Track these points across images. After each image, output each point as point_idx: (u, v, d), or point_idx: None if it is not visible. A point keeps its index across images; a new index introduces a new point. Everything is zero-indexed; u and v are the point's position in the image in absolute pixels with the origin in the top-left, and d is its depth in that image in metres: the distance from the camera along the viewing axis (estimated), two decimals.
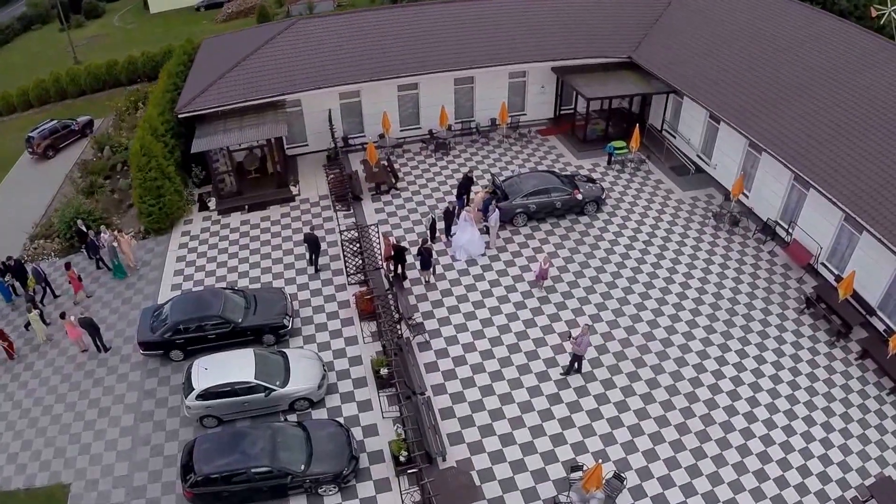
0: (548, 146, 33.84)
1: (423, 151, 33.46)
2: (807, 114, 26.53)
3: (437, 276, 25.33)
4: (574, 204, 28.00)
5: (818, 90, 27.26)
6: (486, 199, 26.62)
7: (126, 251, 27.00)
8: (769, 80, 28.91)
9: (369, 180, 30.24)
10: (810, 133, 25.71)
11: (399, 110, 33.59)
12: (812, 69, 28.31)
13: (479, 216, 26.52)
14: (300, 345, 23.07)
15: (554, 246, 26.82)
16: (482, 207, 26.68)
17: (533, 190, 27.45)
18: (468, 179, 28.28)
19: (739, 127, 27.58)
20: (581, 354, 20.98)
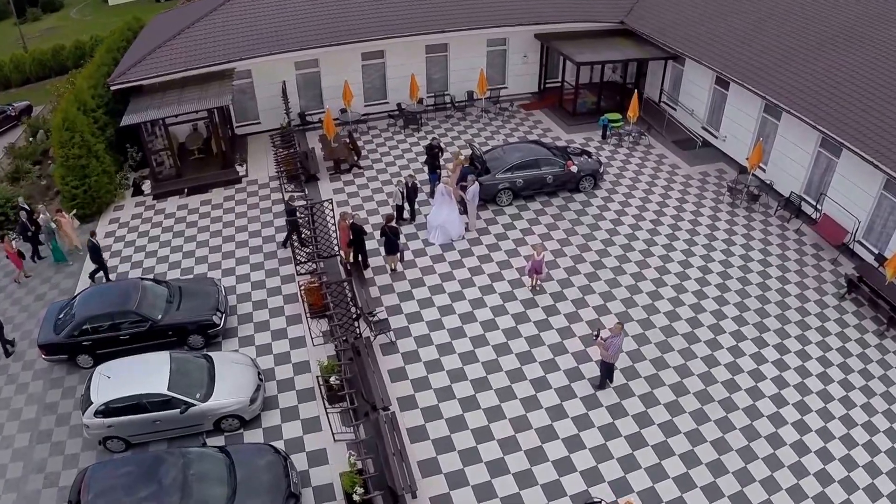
0: (532, 121, 29.00)
1: (390, 128, 28.45)
2: (830, 70, 22.21)
3: (406, 263, 20.28)
4: (567, 179, 23.12)
5: (841, 46, 22.91)
6: (465, 170, 21.67)
7: (68, 232, 22.00)
8: (784, 37, 24.52)
9: (327, 157, 25.16)
10: (834, 91, 21.36)
11: (363, 82, 28.59)
12: (831, 24, 23.91)
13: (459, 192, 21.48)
14: (235, 347, 17.87)
15: (546, 227, 21.87)
16: (461, 179, 21.71)
17: (519, 163, 22.53)
18: (433, 150, 23.30)
19: (755, 87, 22.99)
20: (612, 362, 15.86)
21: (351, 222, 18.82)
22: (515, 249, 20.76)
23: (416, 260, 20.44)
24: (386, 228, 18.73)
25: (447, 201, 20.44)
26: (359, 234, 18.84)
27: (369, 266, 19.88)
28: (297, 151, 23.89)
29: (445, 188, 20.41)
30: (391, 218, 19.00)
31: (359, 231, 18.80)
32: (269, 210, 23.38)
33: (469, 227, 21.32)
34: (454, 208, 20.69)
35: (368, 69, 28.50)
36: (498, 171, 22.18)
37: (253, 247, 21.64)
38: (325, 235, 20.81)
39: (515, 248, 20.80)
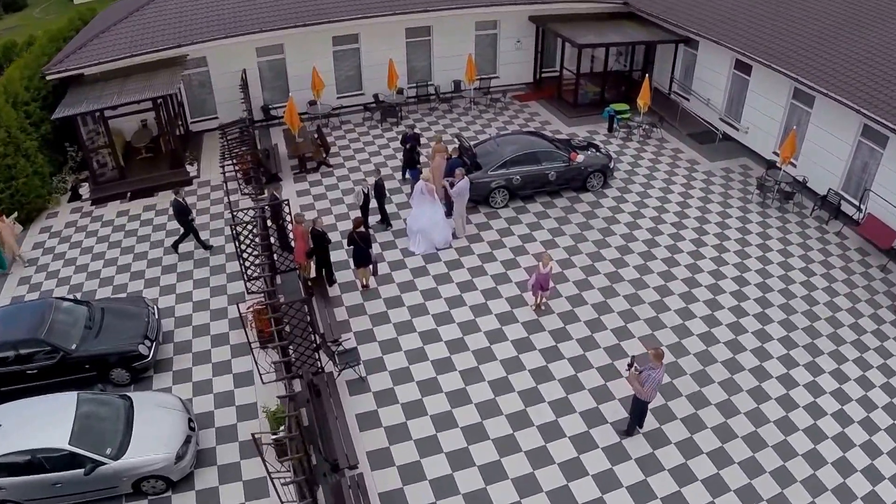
0: (528, 113, 25.57)
1: (366, 122, 24.90)
2: (868, 49, 19.13)
3: (381, 278, 16.66)
4: (573, 176, 19.65)
5: (877, 22, 19.89)
6: (453, 162, 18.12)
7: (7, 239, 18.27)
8: (811, 14, 21.45)
9: (292, 154, 21.57)
10: (874, 71, 18.28)
11: (335, 70, 25.07)
12: None
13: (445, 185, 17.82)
14: (168, 384, 14.23)
15: (550, 233, 18.35)
16: (448, 173, 18.10)
17: (515, 156, 18.98)
18: (409, 141, 19.75)
19: (785, 68, 19.74)
20: (647, 401, 12.23)
21: (311, 228, 15.24)
22: (514, 259, 17.21)
23: (392, 274, 16.82)
24: (354, 235, 15.10)
25: (428, 201, 16.90)
26: (320, 241, 15.25)
27: (335, 282, 16.29)
28: (246, 148, 20.27)
29: (426, 185, 16.81)
30: (360, 222, 15.36)
31: (320, 238, 15.21)
32: (220, 216, 19.72)
33: (457, 232, 17.78)
34: (437, 210, 17.15)
35: (341, 56, 24.99)
36: (491, 166, 18.67)
37: (199, 259, 17.98)
38: (285, 244, 17.25)
39: (514, 258, 17.25)
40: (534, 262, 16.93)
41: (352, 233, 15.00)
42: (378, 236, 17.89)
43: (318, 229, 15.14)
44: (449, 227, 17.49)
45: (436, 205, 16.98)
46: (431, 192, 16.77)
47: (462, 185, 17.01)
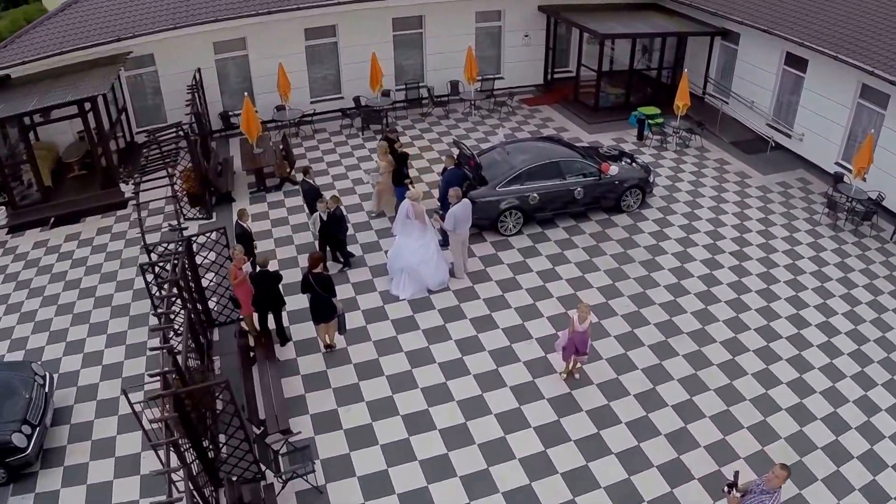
0: (540, 118, 21.39)
1: (344, 130, 20.66)
2: None
3: (352, 334, 12.20)
4: (604, 193, 15.37)
5: None
6: (450, 176, 13.85)
7: None
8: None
9: (248, 168, 17.32)
10: None
11: (308, 69, 20.95)
12: None
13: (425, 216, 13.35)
14: (55, 485, 9.89)
15: (578, 268, 13.99)
16: (443, 191, 13.91)
17: (531, 167, 14.66)
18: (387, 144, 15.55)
19: (855, 59, 15.67)
20: None
21: (259, 269, 10.94)
22: (534, 306, 12.84)
23: (368, 328, 12.41)
24: (310, 278, 10.77)
25: (416, 228, 12.60)
26: (266, 283, 10.95)
27: (290, 340, 11.98)
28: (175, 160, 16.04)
29: (412, 207, 12.47)
30: (318, 260, 10.95)
31: (266, 280, 10.91)
32: (154, 248, 15.44)
33: (455, 270, 13.43)
34: (429, 239, 12.77)
35: (316, 51, 20.88)
36: (500, 181, 14.38)
37: (118, 306, 13.63)
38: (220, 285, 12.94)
39: (534, 304, 12.89)
40: (558, 307, 12.66)
41: (307, 275, 10.66)
42: (351, 274, 13.64)
43: (266, 269, 10.85)
44: (445, 263, 13.19)
45: (426, 233, 12.66)
46: (421, 216, 12.44)
47: (459, 211, 12.57)
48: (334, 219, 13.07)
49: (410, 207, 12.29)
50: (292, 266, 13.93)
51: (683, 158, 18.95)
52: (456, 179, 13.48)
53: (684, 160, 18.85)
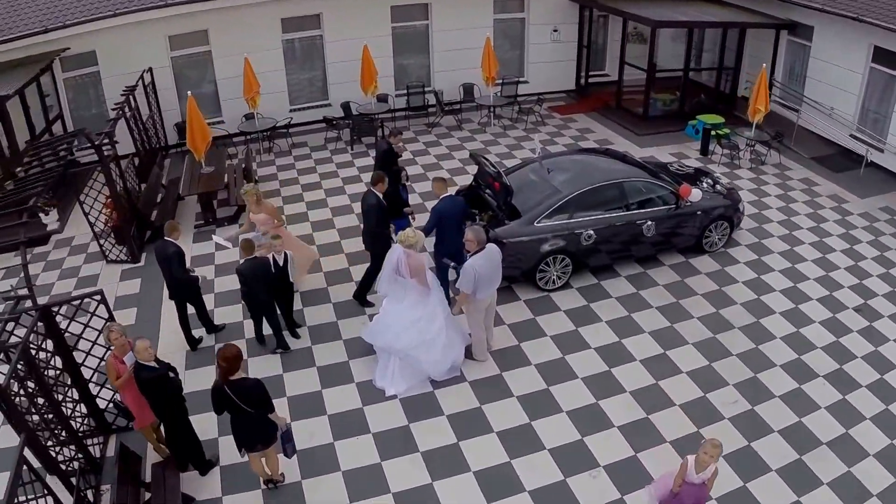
0: (577, 129, 16.63)
1: (329, 144, 15.94)
2: None
3: (304, 460, 7.27)
4: (678, 227, 10.52)
5: None
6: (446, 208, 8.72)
7: None
8: None
9: (191, 193, 12.61)
10: None
11: (286, 70, 16.48)
12: None
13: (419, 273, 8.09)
14: None
15: (658, 342, 9.02)
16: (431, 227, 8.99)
17: (584, 192, 9.75)
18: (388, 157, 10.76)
19: None
20: None
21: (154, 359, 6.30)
22: (596, 408, 7.90)
23: (336, 447, 7.44)
24: (226, 389, 5.88)
25: (413, 290, 7.78)
26: (157, 389, 6.31)
27: (215, 464, 7.26)
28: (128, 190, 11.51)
29: (405, 256, 7.62)
30: (235, 359, 5.88)
31: (158, 385, 6.27)
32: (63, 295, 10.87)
33: (474, 349, 8.44)
34: (433, 308, 7.84)
35: (296, 47, 16.42)
36: (539, 212, 9.51)
37: None
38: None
39: (596, 404, 7.95)
40: (634, 409, 7.81)
41: (219, 386, 5.92)
42: (314, 355, 9.01)
43: (167, 372, 6.23)
44: (458, 338, 8.30)
45: (428, 299, 7.82)
46: (419, 273, 7.63)
47: (482, 265, 7.66)
48: (276, 272, 8.50)
49: (403, 257, 7.51)
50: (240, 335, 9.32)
51: (762, 178, 14.22)
52: (455, 213, 8.76)
53: (764, 180, 14.12)
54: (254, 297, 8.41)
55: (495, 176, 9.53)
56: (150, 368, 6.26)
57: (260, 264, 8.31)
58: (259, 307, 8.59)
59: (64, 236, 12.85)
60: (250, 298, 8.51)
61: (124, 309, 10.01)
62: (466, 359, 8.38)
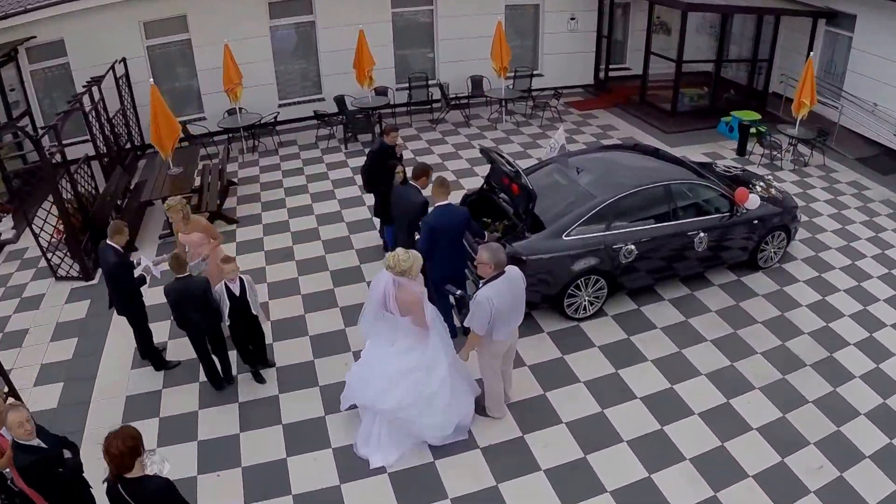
0: (598, 125, 14.58)
1: (320, 143, 13.93)
2: None
3: None
4: (731, 240, 8.40)
5: None
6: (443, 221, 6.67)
7: None
8: None
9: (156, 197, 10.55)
10: None
11: (274, 60, 14.55)
12: None
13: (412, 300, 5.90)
14: None
15: (717, 386, 6.94)
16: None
17: (624, 196, 7.64)
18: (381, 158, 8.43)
19: None
20: None
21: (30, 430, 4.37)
22: (649, 483, 5.90)
23: None
24: (119, 488, 3.84)
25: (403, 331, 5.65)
26: (42, 473, 4.34)
27: None
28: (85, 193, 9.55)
29: (393, 288, 5.50)
30: (119, 458, 3.76)
31: (38, 468, 4.30)
32: None
33: (488, 404, 6.29)
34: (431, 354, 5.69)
35: (285, 35, 14.50)
36: (569, 222, 7.41)
37: None
38: None
39: (648, 478, 5.90)
40: (701, 485, 5.73)
41: (111, 482, 3.90)
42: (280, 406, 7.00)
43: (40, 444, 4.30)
44: (468, 388, 6.27)
45: (426, 343, 5.70)
46: (414, 308, 5.52)
47: (500, 295, 5.52)
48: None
49: (392, 287, 5.47)
50: None
51: (807, 181, 12.16)
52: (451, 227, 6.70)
53: (809, 183, 12.07)
54: (190, 325, 6.53)
55: (513, 176, 7.49)
56: (30, 449, 4.31)
57: (194, 285, 6.42)
58: (199, 338, 6.69)
59: (18, 247, 10.97)
60: (187, 328, 6.61)
61: (63, 339, 8.07)
62: (477, 415, 6.33)
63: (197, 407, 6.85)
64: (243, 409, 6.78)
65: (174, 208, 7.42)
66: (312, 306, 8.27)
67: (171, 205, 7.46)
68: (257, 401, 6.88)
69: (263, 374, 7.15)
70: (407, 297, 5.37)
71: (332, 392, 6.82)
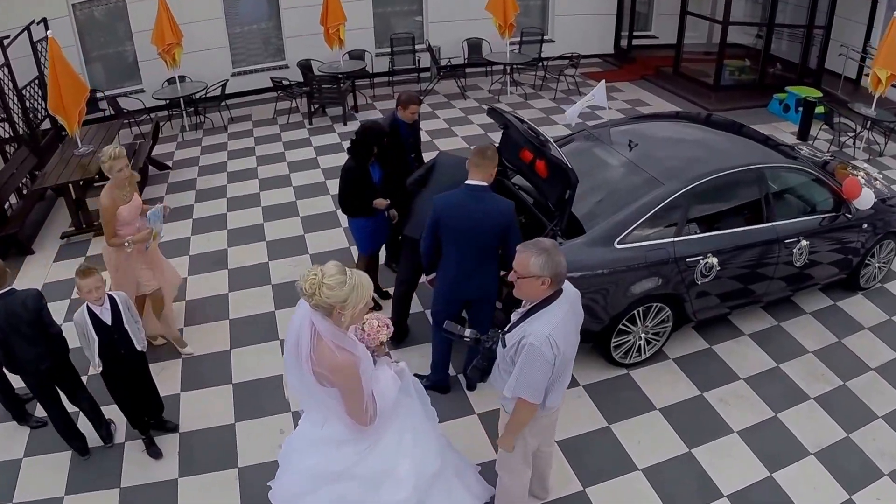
0: (623, 100, 12.21)
1: (279, 117, 11.57)
2: None
3: None
4: (832, 247, 6.12)
5: None
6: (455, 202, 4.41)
7: None
8: None
9: (62, 180, 8.16)
10: None
11: (226, 19, 12.23)
12: None
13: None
14: None
15: (834, 477, 4.68)
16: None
17: (706, 181, 5.23)
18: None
19: None
20: None
21: None
22: None
23: None
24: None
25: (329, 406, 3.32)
26: None
27: None
28: None
29: (307, 334, 3.09)
30: None
31: None
32: None
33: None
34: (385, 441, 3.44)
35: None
36: (626, 221, 5.03)
37: None
38: None
39: None
40: None
41: None
42: None
43: None
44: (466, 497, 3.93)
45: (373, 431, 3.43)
46: (347, 380, 3.15)
47: (559, 333, 3.22)
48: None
49: (309, 332, 3.09)
50: None
51: (888, 175, 10.05)
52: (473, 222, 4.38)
53: (889, 177, 9.99)
54: (23, 365, 4.43)
55: (539, 147, 5.12)
56: None
57: (19, 302, 4.32)
58: (41, 384, 4.60)
59: None
60: (20, 370, 4.49)
61: None
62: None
63: (63, 491, 4.64)
64: (126, 498, 4.58)
65: (119, 160, 5.15)
66: (245, 338, 5.99)
67: (112, 155, 5.14)
68: (149, 486, 4.66)
69: (160, 441, 4.95)
70: (329, 359, 3.09)
71: (256, 476, 4.58)
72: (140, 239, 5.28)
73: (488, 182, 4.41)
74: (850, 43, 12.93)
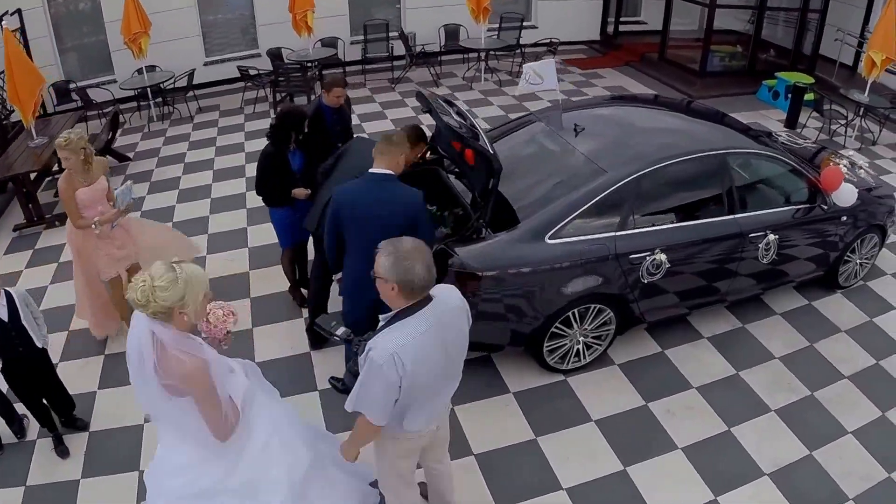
0: (604, 86, 11.65)
1: (246, 107, 11.02)
2: None
3: None
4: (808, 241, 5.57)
5: None
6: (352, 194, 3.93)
7: None
8: None
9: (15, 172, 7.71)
10: None
11: (199, 7, 11.78)
12: None
13: None
14: None
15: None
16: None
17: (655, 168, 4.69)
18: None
19: None
20: None
21: None
22: None
23: None
24: None
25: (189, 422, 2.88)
26: None
27: None
28: None
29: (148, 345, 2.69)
30: None
31: None
32: None
33: None
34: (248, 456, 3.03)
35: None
36: (560, 213, 4.52)
37: None
38: None
39: None
40: None
41: None
42: None
43: None
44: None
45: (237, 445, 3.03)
46: (198, 385, 2.75)
47: (409, 349, 2.67)
48: None
49: (149, 343, 2.68)
50: None
51: (880, 164, 9.39)
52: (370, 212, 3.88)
53: (885, 168, 9.31)
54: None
55: (462, 133, 4.52)
56: None
57: None
58: None
59: None
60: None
61: None
62: None
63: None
64: (30, 497, 4.24)
65: (73, 145, 4.74)
66: None
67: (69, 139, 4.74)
68: (51, 486, 4.32)
69: (69, 440, 4.61)
70: (177, 368, 2.69)
71: None
72: (107, 220, 5.00)
73: (395, 171, 3.91)
74: (848, 28, 12.27)
